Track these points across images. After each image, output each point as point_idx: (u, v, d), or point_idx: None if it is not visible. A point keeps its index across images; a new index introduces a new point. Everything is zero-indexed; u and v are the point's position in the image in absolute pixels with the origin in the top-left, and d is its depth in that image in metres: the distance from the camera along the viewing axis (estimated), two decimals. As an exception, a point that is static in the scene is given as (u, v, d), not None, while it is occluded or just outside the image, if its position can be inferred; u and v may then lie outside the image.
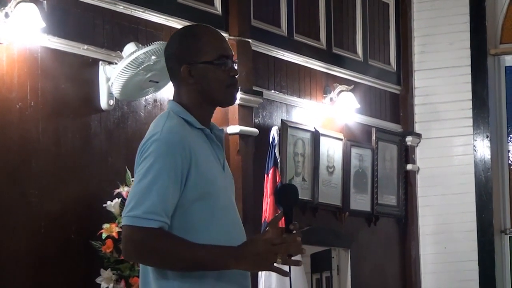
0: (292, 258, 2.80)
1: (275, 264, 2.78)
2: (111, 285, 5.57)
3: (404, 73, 9.26)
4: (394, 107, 9.21)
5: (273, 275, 6.83)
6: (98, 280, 5.60)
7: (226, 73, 2.91)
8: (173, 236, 2.78)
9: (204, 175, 2.83)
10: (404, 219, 9.09)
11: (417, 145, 9.22)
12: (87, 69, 5.97)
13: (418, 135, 9.20)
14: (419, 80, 9.27)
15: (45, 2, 5.71)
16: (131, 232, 2.76)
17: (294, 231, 2.80)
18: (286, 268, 2.84)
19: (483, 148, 8.98)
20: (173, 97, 2.96)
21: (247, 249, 2.76)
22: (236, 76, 2.94)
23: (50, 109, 5.68)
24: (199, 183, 2.82)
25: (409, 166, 9.12)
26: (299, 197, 2.95)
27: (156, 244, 2.74)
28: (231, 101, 2.97)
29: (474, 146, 9.02)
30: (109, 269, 5.60)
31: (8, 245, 5.38)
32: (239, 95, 6.93)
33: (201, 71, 2.90)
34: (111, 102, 6.04)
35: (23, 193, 5.49)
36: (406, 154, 9.15)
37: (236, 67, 2.96)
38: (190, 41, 2.91)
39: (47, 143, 5.65)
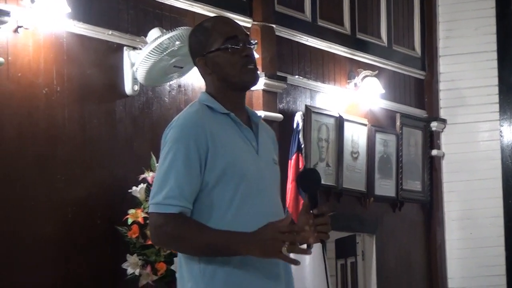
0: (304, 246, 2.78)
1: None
2: (137, 270, 5.58)
3: (429, 59, 9.20)
4: (419, 93, 9.16)
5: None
6: (124, 265, 5.61)
7: (237, 54, 2.93)
8: (190, 222, 2.81)
9: (223, 157, 2.85)
10: (429, 205, 9.04)
11: (442, 131, 9.17)
12: (112, 55, 5.97)
13: (443, 121, 9.14)
14: (444, 66, 9.21)
15: (70, -13, 5.71)
16: (154, 219, 2.83)
17: (322, 214, 2.80)
18: (299, 257, 2.82)
19: (509, 134, 8.92)
20: (205, 89, 3.03)
21: (256, 235, 2.76)
22: (250, 55, 2.94)
23: (75, 95, 5.69)
24: (218, 165, 2.84)
25: (434, 152, 9.07)
26: (324, 183, 2.93)
27: (174, 230, 2.79)
28: (250, 80, 2.96)
29: (501, 131, 8.96)
30: (135, 255, 5.60)
31: (35, 231, 5.39)
32: (263, 80, 6.91)
33: (214, 59, 2.94)
34: (136, 87, 6.04)
35: (49, 179, 5.50)
36: (431, 140, 9.10)
37: (250, 46, 2.95)
38: (199, 34, 2.98)
39: (73, 129, 5.66)
